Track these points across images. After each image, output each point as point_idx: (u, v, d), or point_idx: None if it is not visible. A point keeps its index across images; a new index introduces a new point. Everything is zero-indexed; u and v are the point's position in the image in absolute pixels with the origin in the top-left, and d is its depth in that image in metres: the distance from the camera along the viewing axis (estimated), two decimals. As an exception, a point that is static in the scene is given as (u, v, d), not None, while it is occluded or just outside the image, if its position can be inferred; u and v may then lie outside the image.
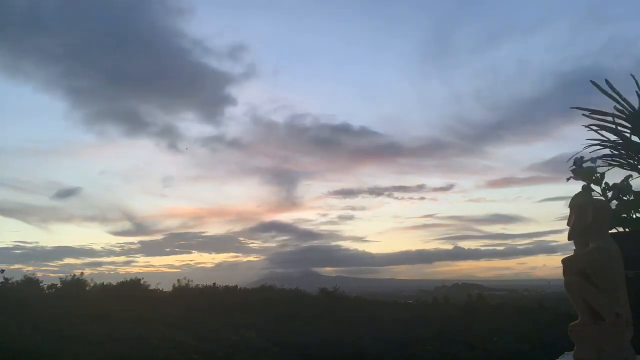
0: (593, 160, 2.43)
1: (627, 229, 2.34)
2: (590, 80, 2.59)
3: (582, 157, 2.35)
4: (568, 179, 2.38)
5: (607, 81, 2.63)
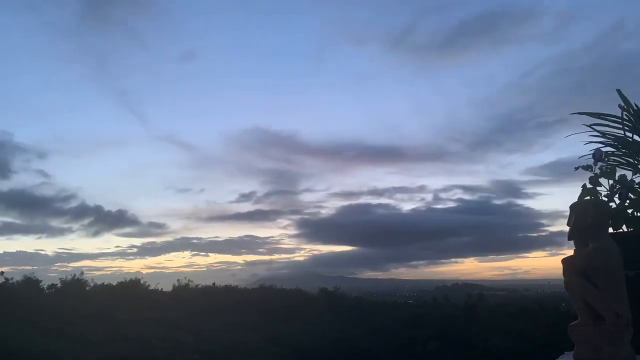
0: (606, 154, 2.43)
1: (631, 229, 2.33)
2: (617, 89, 2.62)
3: (600, 149, 2.35)
4: (576, 169, 2.38)
5: (618, 91, 2.65)
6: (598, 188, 2.35)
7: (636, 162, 2.56)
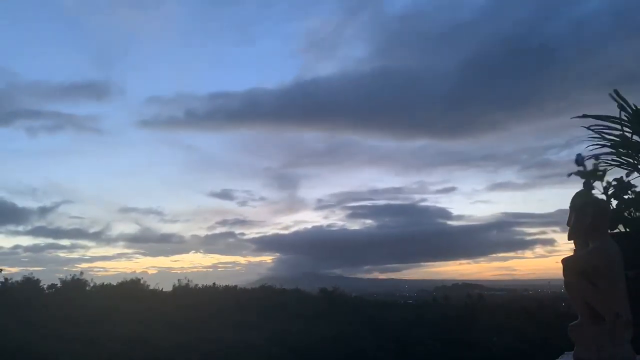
0: (596, 157, 2.41)
1: (627, 229, 2.33)
2: (610, 93, 2.62)
3: (581, 154, 2.33)
4: (569, 175, 2.37)
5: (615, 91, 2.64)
6: (593, 191, 2.35)
7: (636, 162, 2.56)
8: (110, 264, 77.90)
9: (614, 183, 2.36)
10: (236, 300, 20.83)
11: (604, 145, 2.62)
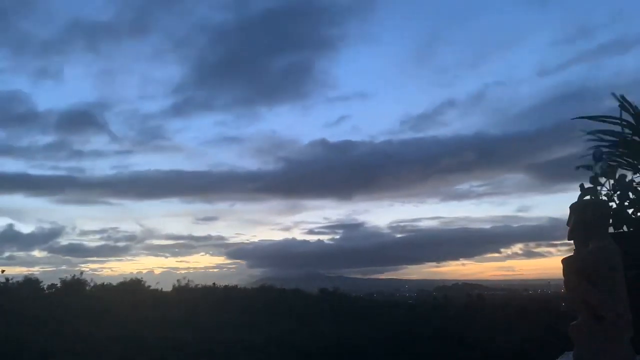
0: (607, 154, 2.42)
1: (631, 229, 2.33)
2: (612, 93, 2.62)
3: (600, 149, 2.33)
4: (577, 168, 2.37)
5: (613, 94, 2.64)
6: (597, 188, 2.35)
7: (636, 162, 2.56)
8: (117, 264, 78.80)
9: (620, 181, 2.36)
10: (236, 300, 20.84)
11: (604, 146, 2.62)
